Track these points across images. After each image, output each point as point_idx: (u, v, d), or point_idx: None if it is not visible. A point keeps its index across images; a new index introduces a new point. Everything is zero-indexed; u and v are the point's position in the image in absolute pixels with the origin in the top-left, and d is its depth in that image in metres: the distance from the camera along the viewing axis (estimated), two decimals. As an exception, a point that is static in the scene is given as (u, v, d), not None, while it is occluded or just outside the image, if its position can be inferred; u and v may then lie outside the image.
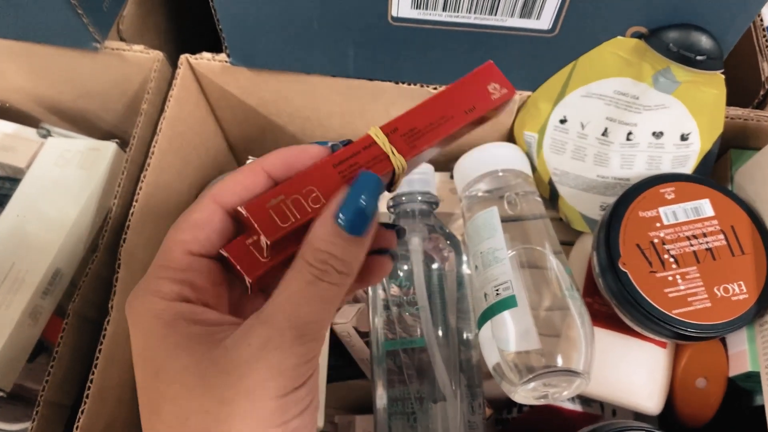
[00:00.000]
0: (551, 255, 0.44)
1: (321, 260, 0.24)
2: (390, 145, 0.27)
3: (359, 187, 0.25)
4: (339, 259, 0.24)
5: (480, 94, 0.29)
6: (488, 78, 0.29)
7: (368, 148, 0.27)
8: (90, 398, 0.40)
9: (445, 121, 0.28)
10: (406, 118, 0.28)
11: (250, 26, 0.46)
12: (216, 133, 0.59)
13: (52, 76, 0.56)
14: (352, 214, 0.25)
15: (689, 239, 0.43)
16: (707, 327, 0.41)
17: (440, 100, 0.28)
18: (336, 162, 0.27)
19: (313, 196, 0.26)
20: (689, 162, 0.46)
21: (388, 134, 0.27)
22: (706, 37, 0.42)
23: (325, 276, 0.24)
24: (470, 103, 0.28)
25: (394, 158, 0.27)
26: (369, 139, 0.27)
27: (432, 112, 0.28)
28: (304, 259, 0.24)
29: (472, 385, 0.45)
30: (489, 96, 0.29)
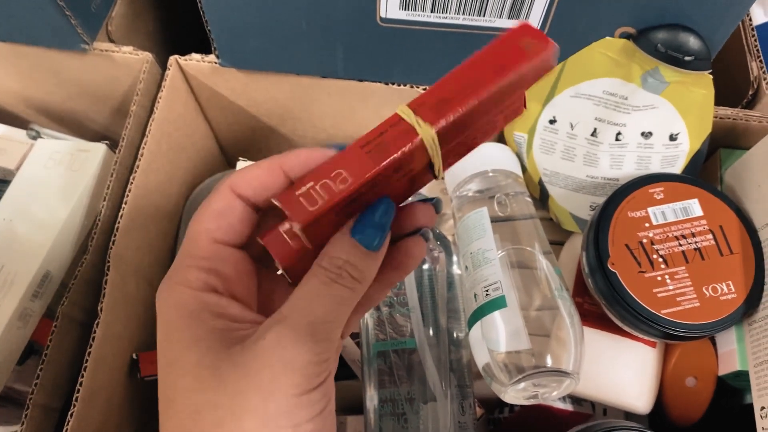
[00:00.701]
0: (541, 255, 0.44)
1: (336, 265, 0.25)
2: (416, 117, 0.26)
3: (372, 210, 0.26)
4: (353, 266, 0.25)
5: (511, 51, 0.26)
6: (521, 36, 0.26)
7: (395, 125, 0.26)
8: (79, 401, 0.40)
9: (476, 86, 0.26)
10: (435, 89, 0.26)
11: (239, 27, 0.46)
12: (206, 134, 0.59)
13: (41, 78, 0.56)
14: (365, 229, 0.26)
15: (678, 239, 0.43)
16: (696, 327, 0.41)
17: (469, 65, 0.26)
18: (363, 143, 0.26)
19: (341, 178, 0.26)
20: (678, 162, 0.46)
21: (414, 109, 0.26)
22: (694, 37, 0.42)
23: (339, 279, 0.25)
24: (500, 62, 0.26)
25: (421, 129, 0.26)
26: (395, 117, 0.26)
27: (460, 79, 0.26)
28: (319, 265, 0.25)
29: (463, 385, 0.45)
30: (521, 51, 0.26)
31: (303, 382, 0.23)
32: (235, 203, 0.27)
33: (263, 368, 0.23)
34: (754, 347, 0.42)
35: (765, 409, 0.40)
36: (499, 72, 0.26)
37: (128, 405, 0.47)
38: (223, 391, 0.23)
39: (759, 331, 0.41)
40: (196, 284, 0.25)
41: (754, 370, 0.41)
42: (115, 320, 0.44)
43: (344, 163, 0.26)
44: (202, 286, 0.25)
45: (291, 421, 0.23)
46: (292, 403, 0.23)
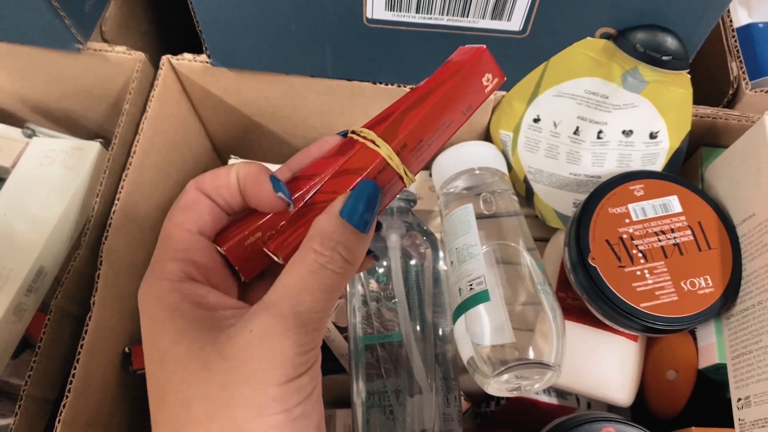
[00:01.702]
0: (525, 251, 0.45)
1: (329, 247, 0.25)
2: (404, 167, 0.27)
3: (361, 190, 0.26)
4: (346, 247, 0.25)
5: (475, 89, 0.28)
6: (483, 69, 0.28)
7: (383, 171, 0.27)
8: (72, 392, 0.41)
9: (446, 127, 0.28)
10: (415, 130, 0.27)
11: (230, 27, 0.47)
12: (198, 132, 0.60)
13: (35, 77, 0.56)
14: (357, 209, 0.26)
15: (657, 235, 0.44)
16: (674, 320, 0.42)
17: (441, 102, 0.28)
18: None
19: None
20: (659, 159, 0.47)
21: (398, 152, 0.27)
22: (672, 38, 0.43)
23: (330, 263, 0.25)
24: (467, 101, 0.28)
25: (408, 179, 0.28)
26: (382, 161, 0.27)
27: (436, 119, 0.28)
28: (310, 247, 0.25)
29: (448, 378, 0.46)
30: (483, 89, 0.28)
31: (291, 371, 0.23)
32: (200, 197, 0.28)
33: (251, 360, 0.23)
34: (732, 340, 0.43)
35: (742, 400, 0.41)
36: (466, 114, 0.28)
37: (120, 397, 0.48)
38: (212, 382, 0.23)
39: (736, 324, 0.42)
40: (173, 275, 0.26)
41: (732, 363, 0.42)
42: (107, 314, 0.45)
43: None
44: (179, 276, 0.26)
45: (282, 407, 0.23)
46: (282, 390, 0.23)
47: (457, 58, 0.29)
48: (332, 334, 0.52)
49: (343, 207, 0.26)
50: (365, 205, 0.26)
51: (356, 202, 0.26)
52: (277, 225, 0.28)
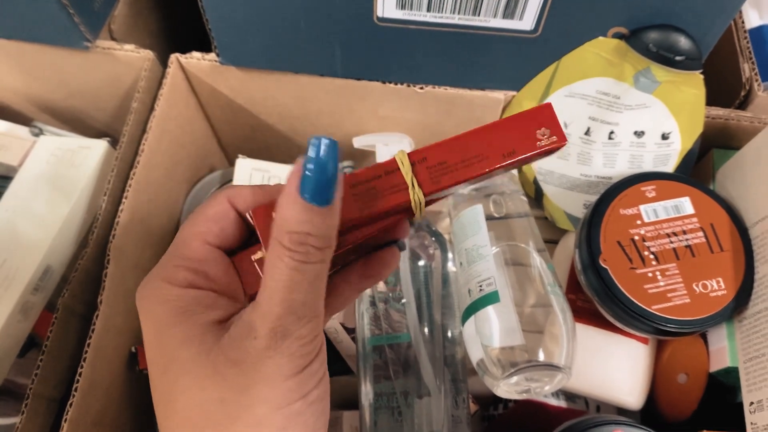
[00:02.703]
0: (535, 252, 0.44)
1: (298, 242, 0.23)
2: (412, 176, 0.25)
3: (314, 153, 0.23)
4: (315, 236, 0.23)
5: (526, 137, 0.26)
6: (540, 121, 0.26)
7: (390, 174, 0.26)
8: (79, 391, 0.41)
9: (479, 161, 0.26)
10: (440, 149, 0.26)
11: (239, 26, 0.47)
12: (206, 131, 0.59)
13: (44, 75, 0.56)
14: (315, 185, 0.23)
15: (669, 236, 0.43)
16: (686, 322, 0.41)
17: (481, 135, 0.26)
18: (354, 182, 0.25)
19: None
20: (670, 161, 0.47)
21: (414, 163, 0.26)
22: (685, 37, 0.42)
23: (306, 258, 0.23)
24: (512, 145, 0.26)
25: (413, 191, 0.25)
26: (393, 163, 0.26)
27: (468, 147, 0.26)
28: (281, 245, 0.23)
29: (457, 379, 0.46)
30: (534, 141, 0.26)
31: (301, 361, 0.24)
32: (230, 212, 0.27)
33: (263, 364, 0.23)
34: (744, 343, 0.42)
35: (754, 404, 0.40)
36: (506, 157, 0.25)
37: (126, 396, 0.48)
38: (226, 387, 0.23)
39: (749, 327, 0.42)
40: (182, 282, 0.25)
41: (744, 366, 0.42)
42: (114, 313, 0.45)
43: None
44: (188, 284, 0.25)
45: (299, 394, 0.24)
46: (296, 379, 0.24)
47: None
48: (340, 335, 0.52)
49: (301, 182, 0.23)
50: (321, 173, 0.23)
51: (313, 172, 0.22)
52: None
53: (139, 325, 0.48)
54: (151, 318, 0.25)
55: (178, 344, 0.24)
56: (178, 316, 0.25)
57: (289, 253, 0.23)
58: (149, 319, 0.25)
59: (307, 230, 0.23)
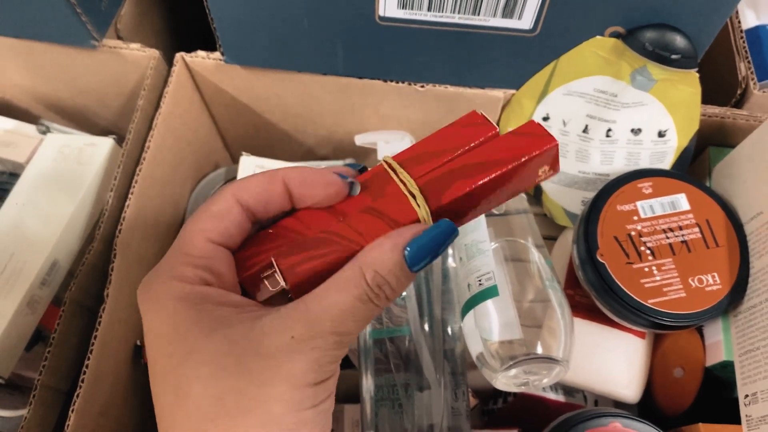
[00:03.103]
0: (533, 248, 0.45)
1: (378, 285, 0.25)
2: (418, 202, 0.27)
3: (440, 233, 0.26)
4: (393, 289, 0.25)
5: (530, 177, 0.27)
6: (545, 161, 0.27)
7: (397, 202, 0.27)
8: (85, 382, 0.42)
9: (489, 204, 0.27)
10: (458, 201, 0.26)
11: (243, 25, 0.47)
12: (210, 129, 0.60)
13: (51, 74, 0.57)
14: (420, 255, 0.25)
15: (665, 232, 0.44)
16: (681, 316, 0.42)
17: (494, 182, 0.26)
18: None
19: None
20: (667, 158, 0.48)
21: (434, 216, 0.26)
22: (681, 36, 0.43)
23: (376, 299, 0.25)
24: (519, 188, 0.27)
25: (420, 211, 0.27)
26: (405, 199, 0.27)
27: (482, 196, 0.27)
28: (363, 277, 0.25)
29: (456, 373, 0.47)
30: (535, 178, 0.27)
31: (323, 375, 0.25)
32: (234, 208, 0.27)
33: (290, 362, 0.24)
34: (739, 337, 0.43)
35: (749, 396, 0.41)
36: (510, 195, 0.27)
37: (131, 388, 0.49)
38: (248, 378, 0.24)
39: (744, 321, 0.43)
40: (192, 280, 0.26)
41: (739, 360, 0.43)
42: (120, 307, 0.46)
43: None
44: (198, 281, 0.26)
45: (312, 403, 0.24)
46: (314, 389, 0.24)
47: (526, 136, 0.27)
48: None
49: (412, 244, 0.25)
50: (432, 251, 0.25)
51: (426, 246, 0.25)
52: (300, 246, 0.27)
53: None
54: (164, 313, 0.25)
55: (199, 336, 0.24)
56: (195, 311, 0.25)
57: (366, 288, 0.25)
58: (162, 314, 0.25)
59: (390, 281, 0.25)
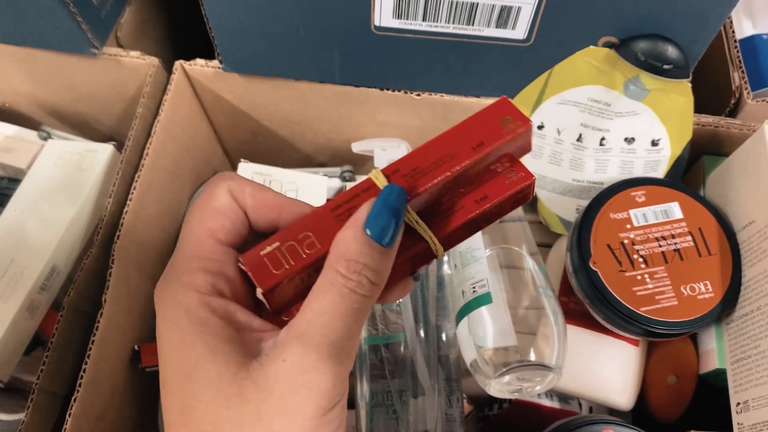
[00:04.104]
0: (528, 256, 0.45)
1: (355, 271, 0.24)
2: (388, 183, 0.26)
3: (386, 196, 0.25)
4: (372, 270, 0.24)
5: (489, 129, 0.26)
6: (500, 111, 0.27)
7: (367, 190, 0.26)
8: (83, 387, 0.42)
9: (450, 159, 0.26)
10: (410, 158, 0.26)
11: (241, 34, 0.48)
12: (209, 136, 0.61)
13: (52, 81, 0.58)
14: (380, 224, 0.24)
15: (658, 240, 0.45)
16: (674, 324, 0.42)
17: (447, 136, 0.26)
18: (333, 206, 0.26)
19: (308, 242, 0.26)
20: (660, 167, 0.48)
21: (388, 175, 0.26)
22: (673, 47, 0.43)
23: (359, 288, 0.24)
24: (478, 138, 0.26)
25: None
26: (369, 181, 0.26)
27: (437, 150, 0.26)
28: (336, 271, 0.24)
29: (451, 379, 0.47)
30: (500, 129, 0.26)
31: (326, 403, 0.23)
32: (233, 206, 0.26)
33: (288, 393, 0.23)
34: (732, 345, 0.43)
35: (741, 404, 0.41)
36: (476, 150, 0.26)
37: (129, 393, 0.49)
38: (246, 411, 0.23)
39: (736, 329, 0.43)
40: (204, 288, 0.24)
41: (731, 368, 0.43)
42: (118, 312, 0.46)
43: (313, 225, 0.26)
44: (210, 290, 0.25)
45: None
46: (315, 423, 0.23)
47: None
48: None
49: (367, 219, 0.24)
50: (390, 216, 0.24)
51: (380, 213, 0.24)
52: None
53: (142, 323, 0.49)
54: (174, 324, 0.24)
55: (202, 356, 0.23)
56: (200, 327, 0.24)
57: (343, 280, 0.24)
58: (172, 326, 0.24)
59: (365, 261, 0.24)
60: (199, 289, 0.24)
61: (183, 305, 0.24)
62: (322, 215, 0.26)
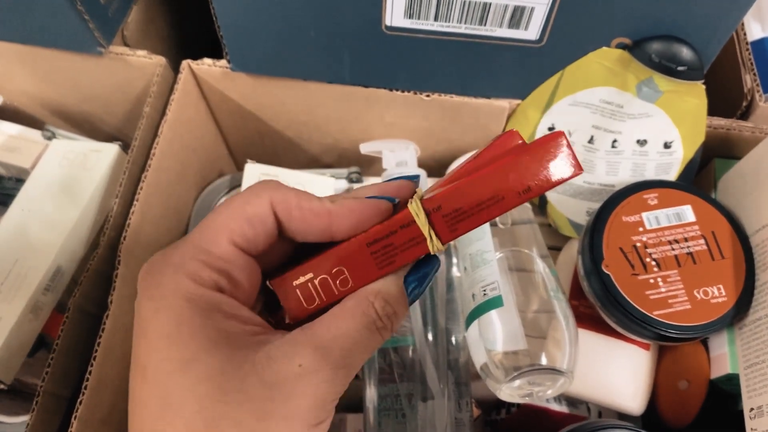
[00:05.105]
0: (538, 258, 0.45)
1: (387, 315, 0.25)
2: (429, 228, 0.25)
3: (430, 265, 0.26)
4: (399, 319, 0.26)
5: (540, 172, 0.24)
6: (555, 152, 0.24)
7: (406, 227, 0.25)
8: (88, 389, 0.42)
9: (495, 203, 0.24)
10: (455, 196, 0.24)
11: (250, 33, 0.47)
12: (215, 136, 0.60)
13: (57, 80, 0.57)
14: (418, 285, 0.26)
15: (671, 243, 0.44)
16: (687, 328, 0.42)
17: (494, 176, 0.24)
18: (370, 241, 0.25)
19: (341, 278, 0.25)
20: (672, 169, 0.48)
21: (429, 212, 0.25)
22: (687, 48, 0.43)
23: (383, 331, 0.25)
24: (527, 182, 0.24)
25: (432, 244, 0.25)
26: (408, 216, 0.25)
27: (483, 190, 0.24)
28: (371, 304, 0.25)
29: (460, 383, 0.47)
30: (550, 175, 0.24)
31: (324, 414, 0.23)
32: (269, 218, 0.25)
33: (295, 398, 0.23)
34: (744, 350, 0.43)
35: (754, 410, 0.41)
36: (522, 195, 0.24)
37: (134, 396, 0.49)
38: (248, 408, 0.22)
39: (749, 334, 0.43)
40: (207, 282, 0.24)
41: (744, 373, 0.42)
42: (123, 313, 0.46)
43: (348, 260, 0.25)
44: (212, 285, 0.24)
45: None
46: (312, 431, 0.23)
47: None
48: (345, 338, 0.52)
49: (411, 277, 0.26)
50: (426, 282, 0.26)
51: (422, 280, 0.26)
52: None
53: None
54: (169, 311, 0.23)
55: (202, 347, 0.23)
56: (201, 318, 0.23)
57: (376, 318, 0.25)
58: (167, 311, 0.23)
59: (397, 310, 0.25)
60: (201, 282, 0.24)
61: (183, 293, 0.23)
62: (358, 250, 0.25)
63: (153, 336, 0.23)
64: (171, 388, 0.22)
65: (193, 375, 0.22)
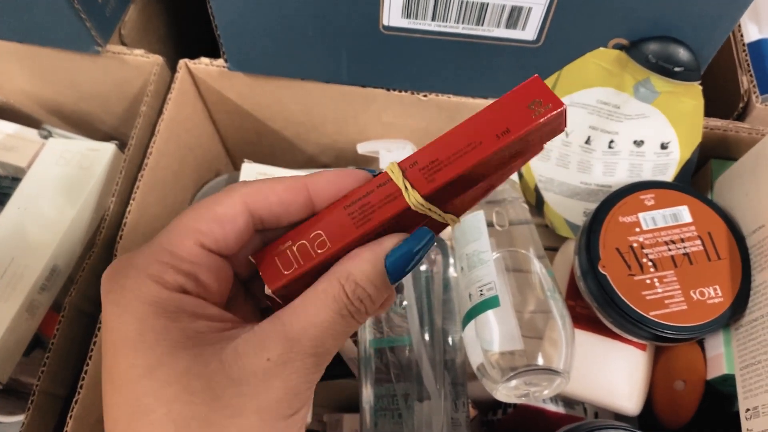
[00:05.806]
0: (535, 258, 0.45)
1: (359, 298, 0.23)
2: (404, 180, 0.24)
3: (417, 239, 0.24)
4: (373, 302, 0.24)
5: (517, 113, 0.23)
6: (531, 94, 0.24)
7: (383, 185, 0.25)
8: (84, 388, 0.42)
9: (473, 149, 0.24)
10: (429, 148, 0.24)
11: (247, 33, 0.47)
12: (212, 135, 0.60)
13: (54, 79, 0.57)
14: (400, 263, 0.24)
15: (667, 244, 0.44)
16: (683, 329, 0.42)
17: (469, 125, 0.24)
18: (347, 203, 0.25)
19: (319, 241, 0.25)
20: (669, 170, 0.48)
21: (405, 169, 0.24)
22: (684, 49, 0.43)
23: (357, 314, 0.24)
24: (504, 124, 0.23)
25: (408, 195, 0.24)
26: (385, 176, 0.25)
27: (458, 139, 0.24)
28: (341, 287, 0.23)
29: (456, 383, 0.47)
30: (529, 114, 0.23)
31: (298, 404, 0.23)
32: (240, 217, 0.25)
33: (266, 390, 0.22)
34: (740, 350, 0.43)
35: (750, 410, 0.41)
36: (501, 138, 0.23)
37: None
38: (218, 407, 0.22)
39: (745, 334, 0.43)
40: (171, 285, 0.23)
41: (740, 373, 0.42)
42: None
43: (325, 224, 0.25)
44: (177, 288, 0.23)
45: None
46: (287, 422, 0.23)
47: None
48: (341, 338, 0.52)
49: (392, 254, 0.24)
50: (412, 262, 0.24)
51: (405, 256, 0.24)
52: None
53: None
54: (131, 316, 0.22)
55: (167, 351, 0.22)
56: (166, 321, 0.23)
57: (346, 302, 0.23)
58: (129, 316, 0.22)
59: (371, 292, 0.24)
60: (165, 285, 0.23)
61: (145, 297, 0.23)
62: (335, 212, 0.25)
63: (119, 343, 0.23)
64: (139, 394, 0.22)
65: (160, 379, 0.22)
